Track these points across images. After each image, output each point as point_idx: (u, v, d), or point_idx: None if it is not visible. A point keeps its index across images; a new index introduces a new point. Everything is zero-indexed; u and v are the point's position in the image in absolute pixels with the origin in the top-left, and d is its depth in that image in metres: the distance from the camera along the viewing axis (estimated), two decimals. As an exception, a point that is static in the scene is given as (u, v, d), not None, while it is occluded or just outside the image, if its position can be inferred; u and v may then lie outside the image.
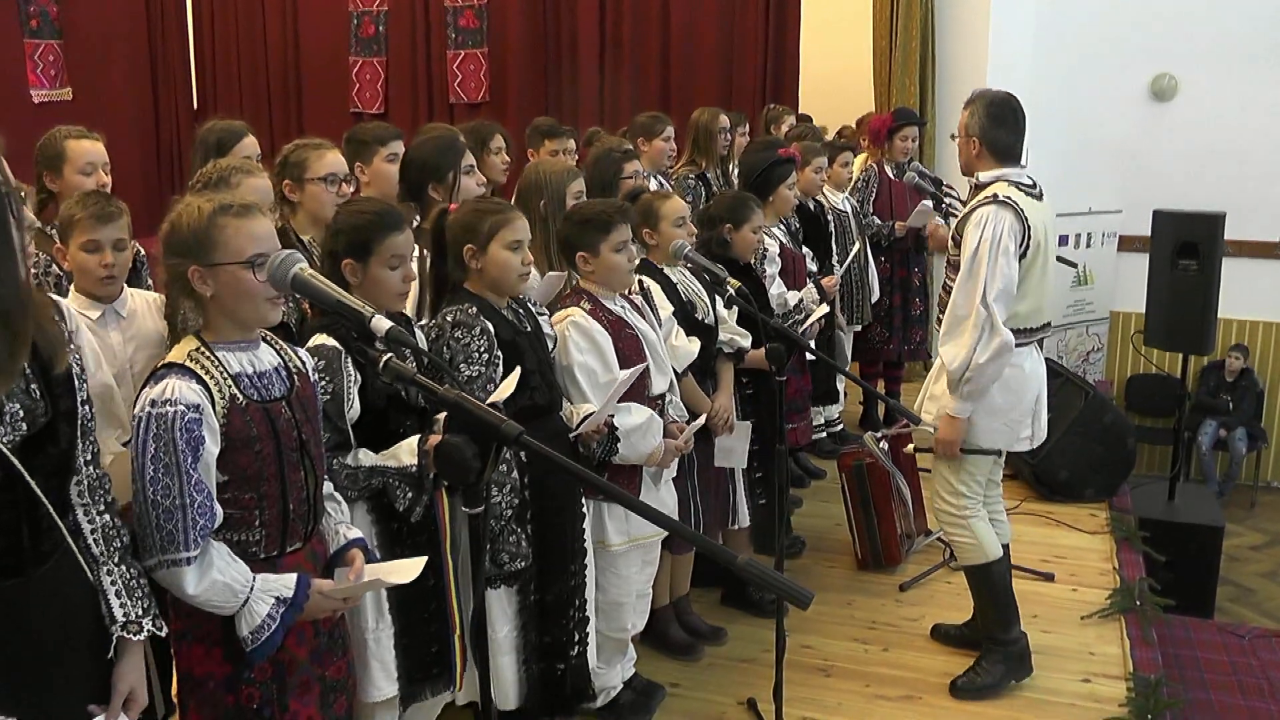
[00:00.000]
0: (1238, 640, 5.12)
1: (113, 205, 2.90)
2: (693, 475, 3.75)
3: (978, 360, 3.49)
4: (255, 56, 9.70)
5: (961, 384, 3.54)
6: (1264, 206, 7.86)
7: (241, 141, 3.79)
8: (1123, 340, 8.54)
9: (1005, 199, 3.52)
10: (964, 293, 3.53)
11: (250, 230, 2.12)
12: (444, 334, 2.85)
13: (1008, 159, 3.66)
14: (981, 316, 3.47)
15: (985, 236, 3.48)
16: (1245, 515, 8.09)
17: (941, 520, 3.89)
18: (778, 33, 7.98)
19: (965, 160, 3.76)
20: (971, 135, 3.67)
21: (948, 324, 3.60)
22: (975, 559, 3.79)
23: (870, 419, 6.42)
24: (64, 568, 1.87)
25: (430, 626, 2.76)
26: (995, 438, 3.70)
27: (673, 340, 3.59)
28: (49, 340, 1.81)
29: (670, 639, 3.99)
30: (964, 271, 3.54)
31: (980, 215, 3.53)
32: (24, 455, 1.76)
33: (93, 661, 1.93)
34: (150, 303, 2.95)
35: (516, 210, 3.05)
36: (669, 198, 3.80)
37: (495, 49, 8.97)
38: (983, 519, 3.79)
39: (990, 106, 3.64)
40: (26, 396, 1.77)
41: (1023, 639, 3.83)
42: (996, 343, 3.47)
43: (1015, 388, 3.66)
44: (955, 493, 3.77)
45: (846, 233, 5.80)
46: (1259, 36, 7.91)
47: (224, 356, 2.14)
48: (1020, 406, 3.69)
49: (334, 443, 2.51)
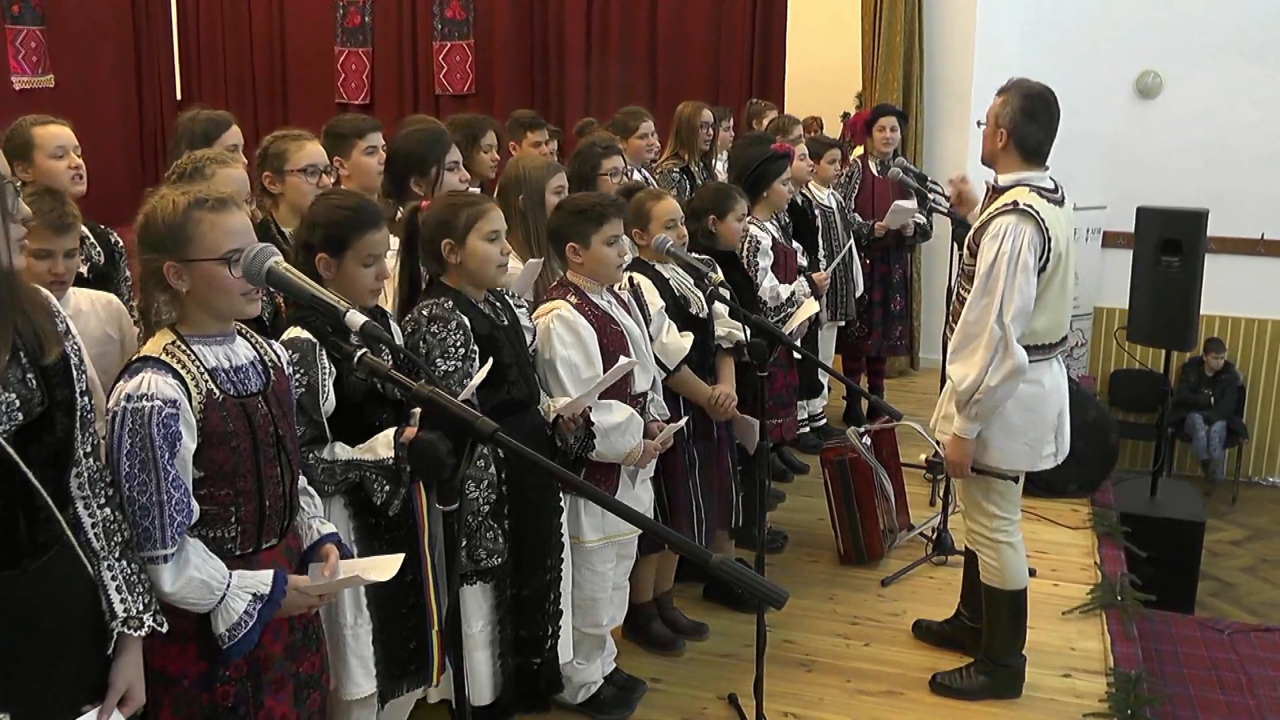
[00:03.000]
0: (1217, 635, 5.15)
1: (69, 215, 2.78)
2: (694, 474, 3.73)
3: (988, 383, 3.30)
4: (240, 46, 9.65)
5: (970, 405, 3.36)
6: (1246, 203, 7.90)
7: (228, 131, 3.76)
8: (1106, 336, 8.57)
9: (1027, 208, 3.29)
10: (977, 309, 3.32)
11: (226, 225, 2.10)
12: (420, 328, 2.84)
13: (1033, 159, 3.42)
14: (995, 336, 3.28)
15: (1004, 250, 3.27)
16: (1226, 510, 8.13)
17: (972, 540, 3.72)
18: (764, 27, 7.99)
19: (989, 151, 3.50)
20: (1001, 126, 3.41)
21: (958, 341, 3.40)
22: (995, 582, 3.63)
23: (853, 414, 6.43)
24: (62, 561, 1.85)
25: (409, 622, 2.75)
26: (1016, 459, 3.51)
27: (663, 337, 3.58)
28: (38, 331, 1.80)
29: (652, 634, 3.98)
30: (979, 286, 3.32)
31: (999, 226, 3.30)
32: (19, 444, 1.74)
33: (90, 656, 1.91)
34: (94, 301, 2.87)
35: (491, 201, 3.04)
36: (662, 198, 3.77)
37: (481, 40, 8.95)
38: (1015, 546, 3.61)
39: (1026, 99, 3.38)
40: (22, 386, 1.76)
41: (1020, 663, 3.72)
42: (1009, 365, 3.28)
43: (1034, 406, 3.46)
44: (987, 514, 3.60)
45: (833, 228, 5.80)
46: (1243, 35, 7.95)
47: (200, 351, 2.12)
48: (1041, 425, 3.50)
49: (310, 436, 2.50)
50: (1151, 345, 6.68)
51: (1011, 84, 3.46)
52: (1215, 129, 8.05)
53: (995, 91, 3.50)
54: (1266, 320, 8.31)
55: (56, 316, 1.90)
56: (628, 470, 3.38)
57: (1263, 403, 8.45)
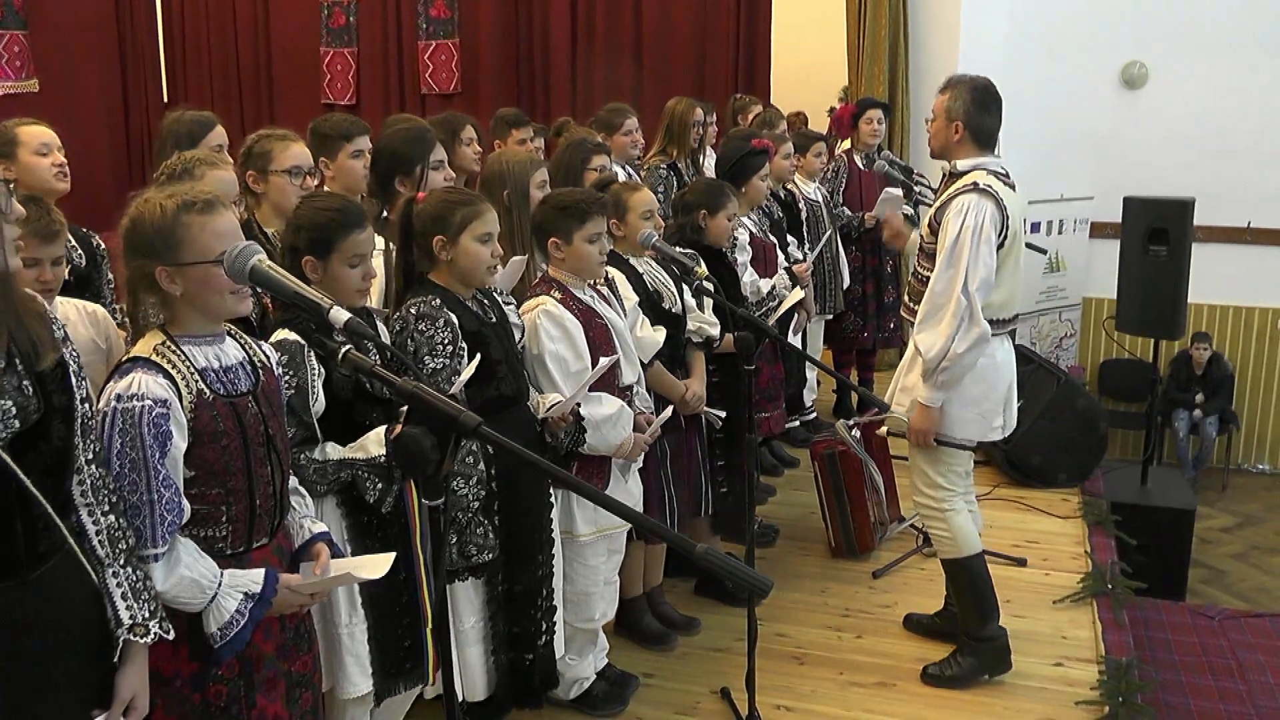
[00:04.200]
0: (1208, 621, 5.18)
1: (55, 222, 2.78)
2: (665, 465, 3.75)
3: (955, 350, 3.45)
4: (226, 47, 9.61)
5: (937, 373, 3.51)
6: (1232, 192, 7.93)
7: (212, 131, 3.76)
8: (1095, 326, 8.60)
9: (986, 188, 3.48)
10: (943, 280, 3.48)
11: (215, 227, 2.10)
12: (408, 326, 2.84)
13: (987, 146, 3.62)
14: (962, 305, 3.43)
15: (967, 224, 3.43)
16: (1216, 498, 8.17)
17: (920, 512, 3.86)
18: (749, 23, 7.99)
19: (942, 144, 3.67)
20: (954, 119, 3.59)
21: (925, 311, 3.55)
22: (951, 553, 3.75)
23: (843, 407, 6.44)
24: (64, 569, 1.85)
25: (403, 620, 2.75)
26: (969, 429, 3.66)
27: (638, 331, 3.58)
28: (33, 337, 1.80)
29: (644, 629, 3.99)
30: (944, 259, 3.49)
31: (961, 203, 3.48)
32: (15, 452, 1.74)
33: (93, 665, 1.91)
34: (80, 310, 2.87)
35: (487, 202, 3.03)
36: (637, 189, 3.79)
37: (467, 39, 8.93)
38: (962, 513, 3.74)
39: (975, 91, 3.59)
40: (18, 394, 1.75)
41: (1001, 635, 3.78)
42: (975, 333, 3.44)
43: (988, 378, 3.62)
44: (933, 484, 3.74)
45: (819, 222, 5.81)
46: (1228, 24, 7.98)
47: (190, 351, 2.12)
48: (993, 396, 3.66)
49: (300, 437, 2.50)
50: (1140, 335, 6.70)
51: (955, 79, 3.65)
52: (1201, 119, 8.07)
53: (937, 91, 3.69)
54: (1254, 308, 8.34)
55: (54, 323, 1.90)
56: (618, 464, 3.39)
57: (1251, 391, 8.48)
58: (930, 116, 3.75)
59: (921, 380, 3.58)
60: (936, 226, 3.57)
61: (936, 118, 3.67)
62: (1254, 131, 8.01)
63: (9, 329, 1.77)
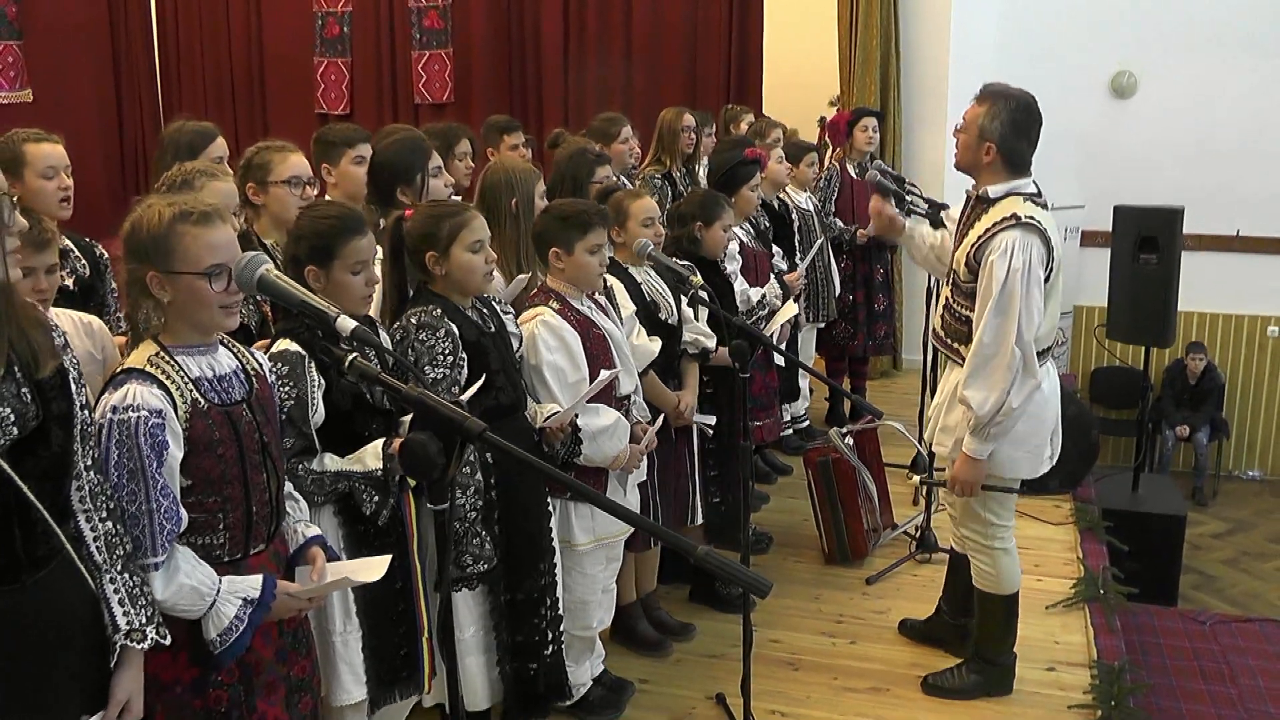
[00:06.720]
0: (1199, 626, 5.21)
1: (47, 231, 2.77)
2: (652, 474, 3.75)
3: (1011, 404, 3.21)
4: (219, 57, 9.61)
5: (988, 427, 3.27)
6: (1221, 201, 7.98)
7: (213, 143, 3.77)
8: (1086, 334, 8.65)
9: (1030, 220, 3.20)
10: (991, 330, 3.21)
11: (209, 240, 2.12)
12: (408, 336, 2.86)
13: (1020, 171, 3.33)
14: (1016, 358, 3.18)
15: (1014, 266, 3.16)
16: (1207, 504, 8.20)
17: (966, 545, 3.65)
18: (741, 31, 8.02)
19: (970, 162, 3.37)
20: (987, 140, 3.28)
21: (973, 365, 3.26)
22: (990, 588, 3.59)
23: (836, 415, 6.46)
24: (62, 574, 1.86)
25: (398, 629, 2.76)
26: (1019, 468, 3.45)
27: (633, 339, 3.59)
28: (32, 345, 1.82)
29: (639, 635, 4.00)
30: (992, 306, 3.20)
31: (1005, 242, 3.19)
32: (13, 459, 1.76)
33: (90, 669, 1.92)
34: (76, 322, 2.86)
35: (473, 210, 3.04)
36: (639, 196, 3.80)
37: (460, 49, 8.95)
38: (1011, 552, 3.54)
39: (1015, 113, 3.26)
40: (17, 400, 1.77)
41: (1011, 660, 3.71)
42: (1030, 385, 3.23)
43: (1038, 413, 3.39)
44: (983, 521, 3.52)
45: (811, 232, 5.84)
46: (1216, 34, 8.04)
47: (183, 361, 2.14)
48: (1043, 430, 3.45)
49: (299, 448, 2.52)
50: (1131, 342, 6.73)
51: (993, 92, 3.31)
52: (1189, 127, 8.14)
53: (974, 97, 3.37)
54: (1244, 315, 8.40)
55: (54, 331, 1.92)
56: (617, 475, 3.40)
57: (1240, 398, 8.53)
58: (959, 125, 3.41)
59: (970, 433, 3.33)
60: (975, 265, 3.28)
61: (967, 130, 3.35)
62: (1242, 139, 8.07)
63: (9, 337, 1.79)
